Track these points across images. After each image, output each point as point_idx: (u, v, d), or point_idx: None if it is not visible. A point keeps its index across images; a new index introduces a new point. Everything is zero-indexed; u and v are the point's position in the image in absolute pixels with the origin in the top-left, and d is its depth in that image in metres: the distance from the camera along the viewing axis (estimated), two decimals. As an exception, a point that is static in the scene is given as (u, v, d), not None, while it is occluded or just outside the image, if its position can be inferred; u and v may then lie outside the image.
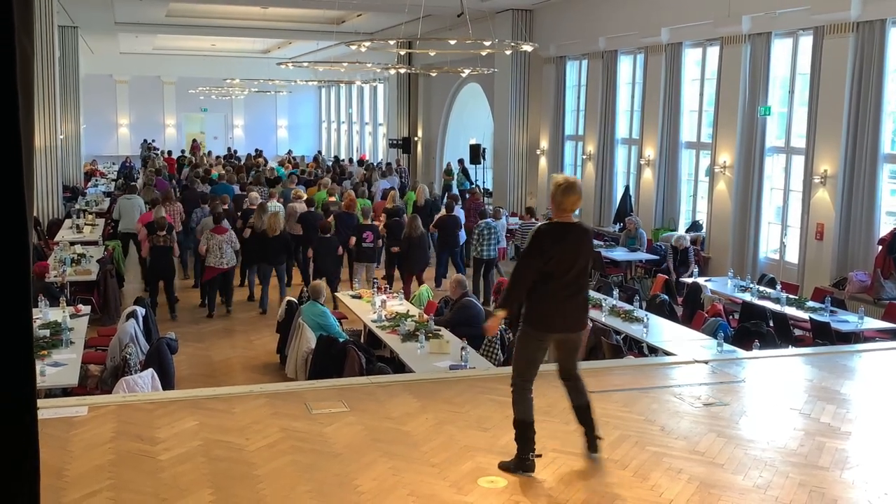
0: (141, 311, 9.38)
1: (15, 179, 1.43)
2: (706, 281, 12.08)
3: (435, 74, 21.81)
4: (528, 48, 14.33)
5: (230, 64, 35.27)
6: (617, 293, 10.75)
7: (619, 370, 7.12)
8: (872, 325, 9.75)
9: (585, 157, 18.21)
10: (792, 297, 10.76)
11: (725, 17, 13.60)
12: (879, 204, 11.37)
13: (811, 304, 10.46)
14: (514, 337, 5.33)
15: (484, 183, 23.87)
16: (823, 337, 9.31)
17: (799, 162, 12.67)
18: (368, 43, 14.57)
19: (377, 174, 22.89)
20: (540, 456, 5.00)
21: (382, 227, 14.38)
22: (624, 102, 17.19)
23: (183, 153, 33.56)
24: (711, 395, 6.41)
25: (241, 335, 11.91)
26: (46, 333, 8.17)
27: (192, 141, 37.98)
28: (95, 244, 14.76)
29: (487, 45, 13.91)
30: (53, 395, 7.03)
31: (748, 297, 10.87)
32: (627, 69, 17.06)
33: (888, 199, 11.49)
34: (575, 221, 5.14)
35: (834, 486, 4.82)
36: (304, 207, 15.28)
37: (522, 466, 4.91)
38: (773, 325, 9.87)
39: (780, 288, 11.23)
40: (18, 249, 1.45)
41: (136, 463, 4.97)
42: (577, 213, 5.37)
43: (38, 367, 6.84)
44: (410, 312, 9.68)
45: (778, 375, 7.10)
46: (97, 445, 5.22)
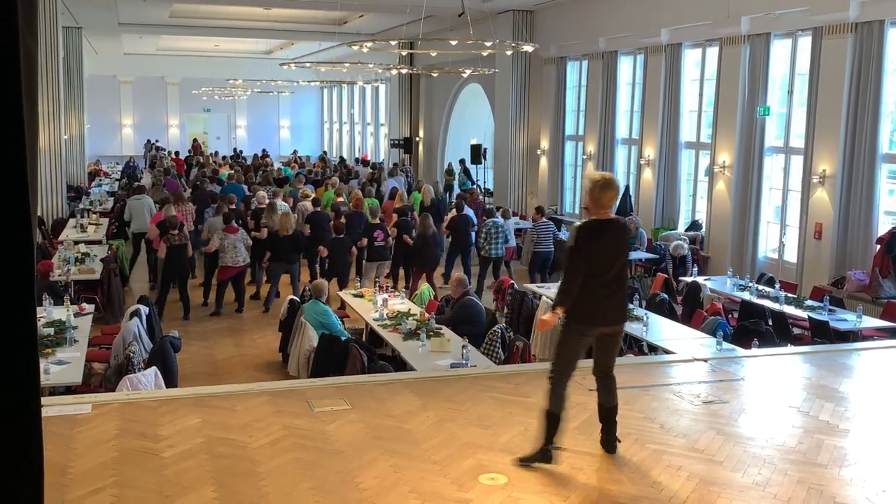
0: (144, 309, 9.39)
1: (19, 179, 1.43)
2: (705, 280, 12.07)
3: (436, 75, 21.80)
4: (528, 49, 14.32)
5: (233, 64, 35.28)
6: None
7: (619, 368, 7.06)
8: (871, 323, 9.75)
9: (586, 157, 18.19)
10: (791, 295, 10.75)
11: (725, 17, 13.59)
12: (878, 203, 11.36)
13: (810, 302, 10.45)
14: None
15: (485, 183, 23.83)
16: (822, 335, 9.30)
17: (798, 162, 12.66)
18: (370, 44, 14.57)
19: (385, 174, 22.89)
20: (562, 449, 5.00)
21: (391, 225, 14.36)
22: (624, 103, 17.18)
23: (190, 153, 33.59)
24: (711, 393, 6.41)
25: (243, 334, 11.90)
26: (51, 332, 8.18)
27: (193, 140, 38.00)
28: (99, 243, 14.77)
29: (488, 45, 13.91)
30: (57, 392, 7.04)
31: (747, 295, 10.86)
32: (627, 69, 17.05)
33: (886, 198, 11.48)
34: (613, 218, 5.11)
35: (832, 483, 4.82)
36: (310, 207, 15.29)
37: (543, 457, 4.92)
38: (771, 323, 9.86)
39: (778, 287, 11.22)
40: (22, 248, 1.45)
41: (139, 460, 4.97)
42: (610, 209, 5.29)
43: (42, 365, 6.85)
44: (412, 311, 9.68)
45: (777, 374, 7.09)
46: (101, 443, 5.22)
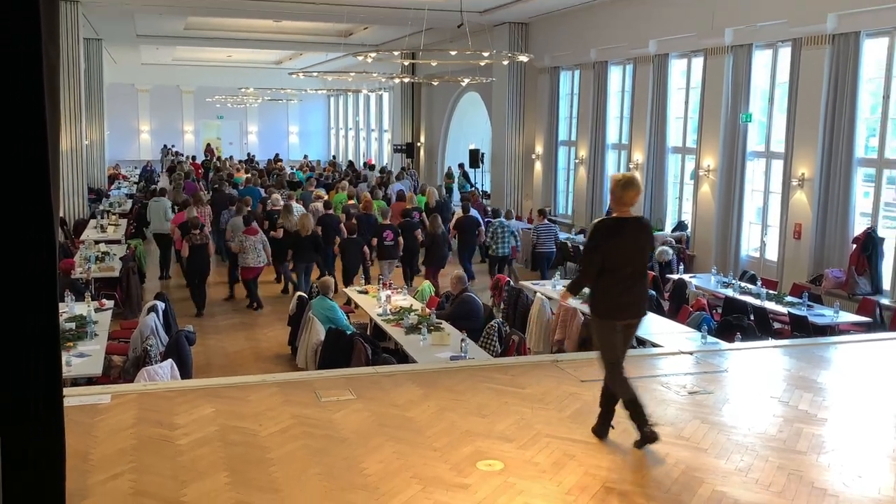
0: (161, 305, 9.39)
1: (42, 181, 1.43)
2: (691, 277, 12.07)
3: (437, 83, 21.77)
4: (523, 59, 14.32)
5: (245, 74, 35.32)
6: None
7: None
8: (847, 318, 9.75)
9: (578, 161, 18.18)
10: (771, 292, 10.76)
11: (709, 29, 13.58)
12: (854, 205, 11.35)
13: (789, 298, 10.45)
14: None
15: (483, 186, 23.83)
16: (801, 330, 9.31)
17: (778, 166, 12.65)
18: (374, 54, 14.54)
19: (393, 178, 22.94)
20: (656, 426, 5.01)
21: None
22: (614, 110, 17.16)
23: (207, 158, 33.60)
24: (696, 384, 6.41)
25: (255, 328, 11.91)
26: (72, 326, 8.19)
27: (206, 145, 38.02)
28: (118, 243, 14.80)
29: (486, 56, 13.90)
30: (79, 383, 7.04)
31: (730, 292, 10.86)
32: (617, 79, 17.03)
33: (862, 200, 11.47)
34: (633, 216, 5.08)
35: (811, 469, 4.82)
36: (322, 209, 15.29)
37: (649, 439, 4.93)
38: (753, 318, 9.86)
39: (760, 284, 11.22)
40: (45, 247, 1.45)
41: (156, 447, 4.97)
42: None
43: (64, 357, 6.85)
44: (413, 307, 9.68)
45: (758, 366, 7.09)
46: (120, 431, 5.22)
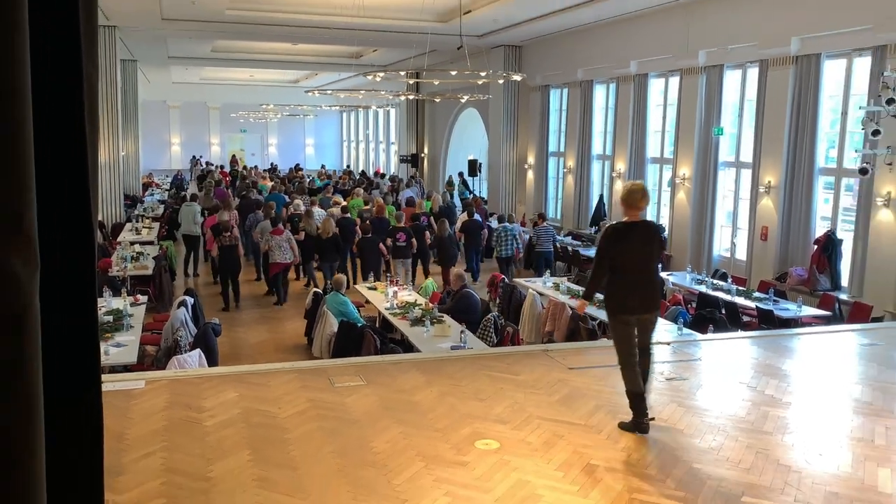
0: (190, 300, 9.39)
1: (82, 188, 1.42)
2: (668, 275, 12.05)
3: (439, 100, 21.79)
4: (517, 78, 14.31)
5: (266, 92, 35.28)
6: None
7: (594, 350, 7.10)
8: (809, 312, 9.73)
9: (566, 170, 18.16)
10: (741, 288, 10.75)
11: (685, 51, 13.56)
12: (815, 210, 11.34)
13: (757, 294, 10.43)
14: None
15: (480, 192, 23.79)
16: (767, 322, 9.30)
17: (747, 174, 12.63)
18: (382, 74, 14.50)
19: (403, 185, 23.02)
20: (653, 419, 4.98)
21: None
22: (599, 124, 17.14)
23: (234, 168, 33.62)
24: (673, 371, 6.40)
25: (274, 321, 11.90)
26: (110, 319, 8.20)
27: (231, 156, 38.07)
28: (152, 244, 14.78)
29: (483, 75, 13.87)
30: (116, 370, 7.03)
31: (703, 288, 10.84)
32: (601, 96, 17.01)
33: (822, 206, 11.45)
34: (641, 220, 5.00)
35: (776, 448, 4.81)
36: (338, 213, 15.36)
37: (638, 427, 4.91)
38: (724, 312, 9.85)
39: (730, 281, 11.21)
40: (85, 248, 1.44)
41: (185, 428, 4.97)
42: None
43: (102, 347, 6.85)
44: (418, 301, 9.68)
45: (729, 355, 7.08)
46: (153, 413, 5.22)
